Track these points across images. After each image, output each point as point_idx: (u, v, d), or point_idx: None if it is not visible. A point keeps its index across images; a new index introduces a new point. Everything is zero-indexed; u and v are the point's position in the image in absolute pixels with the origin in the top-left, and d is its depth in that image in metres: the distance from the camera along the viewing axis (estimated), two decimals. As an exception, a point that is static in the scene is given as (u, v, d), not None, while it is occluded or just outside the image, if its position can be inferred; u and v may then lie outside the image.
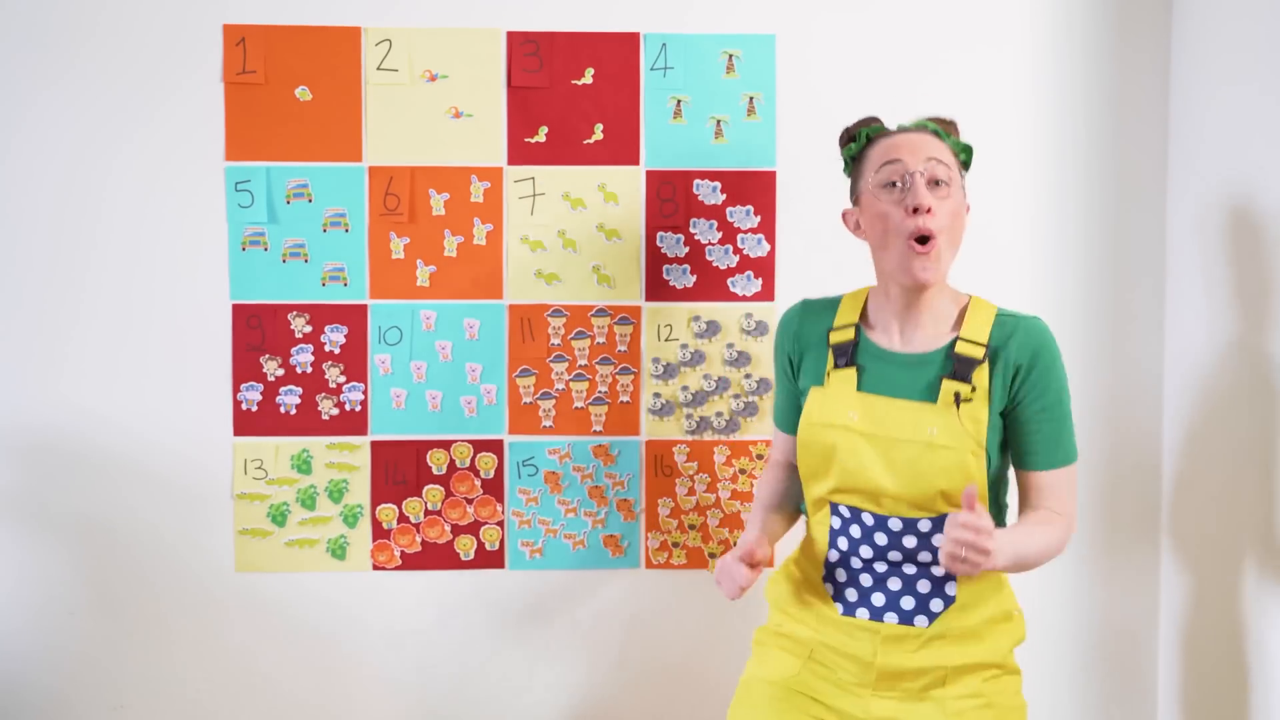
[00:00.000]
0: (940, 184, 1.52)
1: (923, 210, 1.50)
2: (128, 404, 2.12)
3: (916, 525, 1.56)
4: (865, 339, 1.61)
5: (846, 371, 1.59)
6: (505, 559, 2.16)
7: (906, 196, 1.52)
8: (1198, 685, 2.05)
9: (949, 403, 1.53)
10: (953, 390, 1.53)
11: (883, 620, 1.57)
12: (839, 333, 1.62)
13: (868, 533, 1.57)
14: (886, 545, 1.57)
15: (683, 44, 2.12)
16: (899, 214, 1.52)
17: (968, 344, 1.55)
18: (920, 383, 1.56)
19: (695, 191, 2.14)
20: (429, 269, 2.13)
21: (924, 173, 1.52)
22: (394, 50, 2.11)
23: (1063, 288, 2.17)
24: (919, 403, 1.55)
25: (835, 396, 1.58)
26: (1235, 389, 1.92)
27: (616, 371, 2.15)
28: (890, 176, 1.53)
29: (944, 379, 1.54)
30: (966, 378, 1.53)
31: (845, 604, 1.60)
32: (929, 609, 1.57)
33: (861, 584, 1.60)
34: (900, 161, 1.53)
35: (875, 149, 1.58)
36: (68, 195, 2.10)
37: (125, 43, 2.09)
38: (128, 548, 2.13)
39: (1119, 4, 2.15)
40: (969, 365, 1.54)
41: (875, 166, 1.56)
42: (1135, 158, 2.15)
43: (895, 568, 1.58)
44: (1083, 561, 2.18)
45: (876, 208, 1.55)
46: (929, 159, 1.53)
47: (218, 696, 2.15)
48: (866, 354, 1.60)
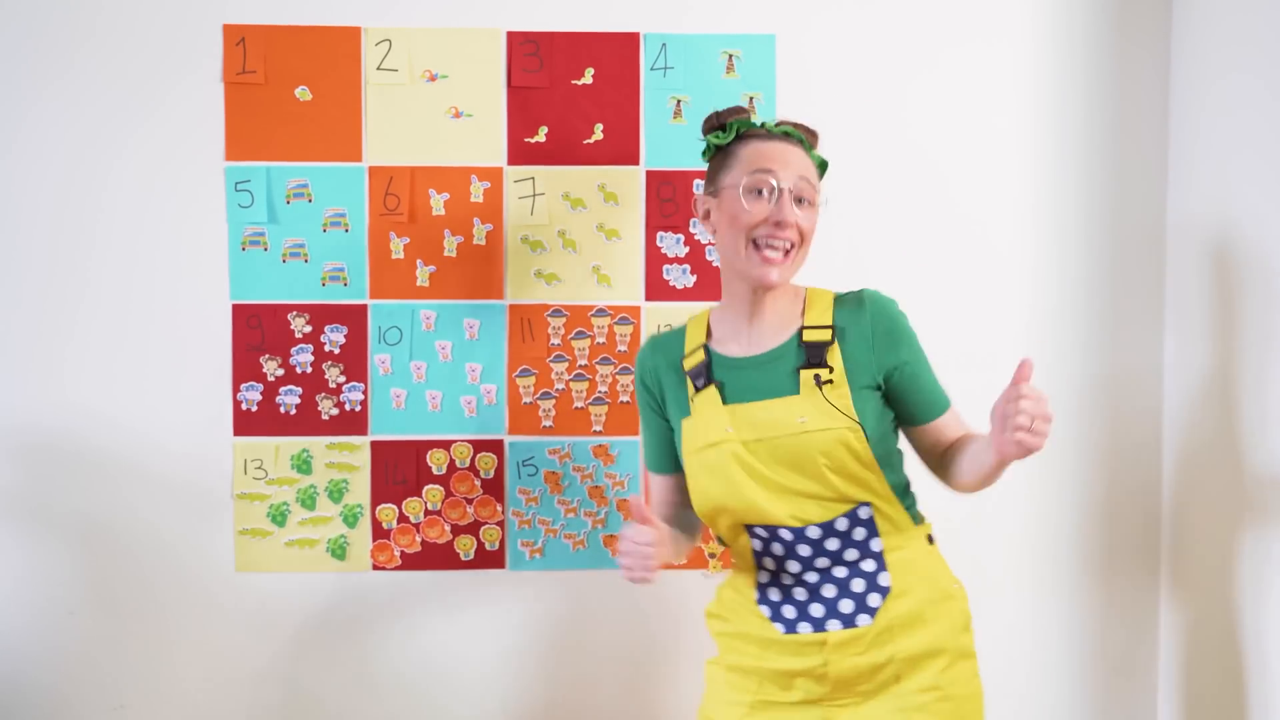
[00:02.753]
0: (804, 202, 1.57)
1: (785, 225, 1.55)
2: (128, 404, 2.12)
3: (834, 526, 1.56)
4: (716, 354, 1.64)
5: (708, 391, 1.61)
6: (505, 559, 2.16)
7: (772, 209, 1.55)
8: (1198, 688, 2.05)
9: (811, 388, 1.56)
10: (811, 375, 1.56)
11: (826, 629, 1.57)
12: (690, 359, 1.65)
13: (789, 547, 1.58)
14: (811, 555, 1.57)
15: (683, 44, 2.13)
16: (759, 218, 1.55)
17: (813, 330, 1.59)
18: (779, 378, 1.58)
19: (695, 191, 2.14)
20: (429, 269, 2.13)
21: (792, 190, 1.56)
22: (394, 50, 2.11)
23: (1061, 288, 2.17)
24: (784, 398, 1.56)
25: (706, 418, 1.60)
26: (1236, 391, 1.92)
27: (616, 371, 2.15)
28: (759, 184, 1.57)
29: (800, 369, 1.57)
30: (821, 361, 1.57)
31: (785, 623, 1.59)
32: (868, 605, 1.57)
33: (796, 598, 1.59)
34: (772, 172, 1.56)
35: (746, 150, 1.60)
36: (67, 195, 2.10)
37: (125, 43, 2.09)
38: (128, 548, 2.13)
39: (1119, 2, 2.15)
40: (820, 349, 1.58)
41: (746, 169, 1.58)
42: (1135, 157, 2.15)
43: (825, 574, 1.58)
44: (1082, 572, 2.18)
45: (738, 208, 1.57)
46: (800, 177, 1.57)
47: (218, 696, 2.15)
48: (721, 368, 1.62)
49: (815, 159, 1.65)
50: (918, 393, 1.62)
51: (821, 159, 1.67)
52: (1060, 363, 2.16)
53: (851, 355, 1.58)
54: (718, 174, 1.63)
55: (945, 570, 1.64)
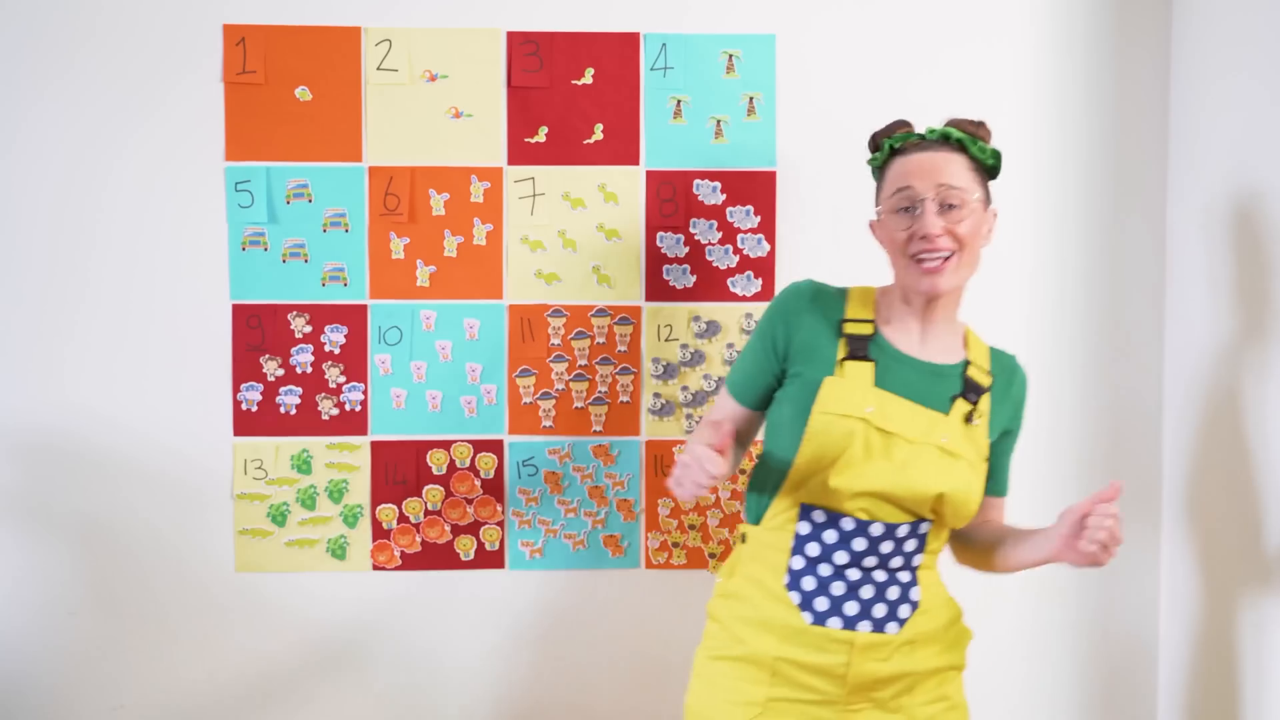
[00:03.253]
0: (952, 208, 1.54)
1: (930, 238, 1.53)
2: (128, 404, 2.12)
3: (896, 530, 1.56)
4: (881, 337, 1.61)
5: (863, 365, 1.58)
6: (505, 559, 2.16)
7: (915, 223, 1.54)
8: (1198, 688, 2.05)
9: (961, 418, 1.58)
10: (966, 409, 1.59)
11: (856, 629, 1.56)
12: (856, 325, 1.61)
13: (845, 537, 1.56)
14: (864, 550, 1.56)
15: (683, 44, 2.12)
16: (907, 237, 1.55)
17: (978, 370, 1.62)
18: (935, 392, 1.58)
19: (695, 191, 2.14)
20: (429, 269, 2.13)
21: (934, 199, 1.54)
22: (394, 50, 2.11)
23: (1062, 288, 2.17)
24: (933, 410, 1.57)
25: (852, 388, 1.56)
26: (1236, 387, 1.92)
27: (616, 371, 2.15)
28: (902, 202, 1.56)
29: (957, 397, 1.59)
30: (975, 400, 1.59)
31: (815, 613, 1.56)
32: (898, 615, 1.57)
33: (832, 591, 1.57)
34: (910, 188, 1.55)
35: (894, 167, 1.59)
36: (68, 195, 2.10)
37: (125, 43, 2.09)
38: (128, 548, 2.13)
39: (1119, 2, 2.15)
40: (978, 390, 1.60)
41: (890, 190, 1.58)
42: (1135, 157, 2.16)
43: (868, 574, 1.57)
44: (1082, 571, 2.17)
45: (889, 230, 1.58)
46: (939, 185, 1.54)
47: (218, 696, 2.15)
48: (882, 351, 1.60)
49: (981, 153, 1.59)
50: (1000, 468, 1.69)
51: (990, 151, 1.60)
52: (1060, 363, 2.16)
53: (995, 409, 1.63)
54: (878, 195, 1.63)
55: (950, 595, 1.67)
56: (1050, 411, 2.17)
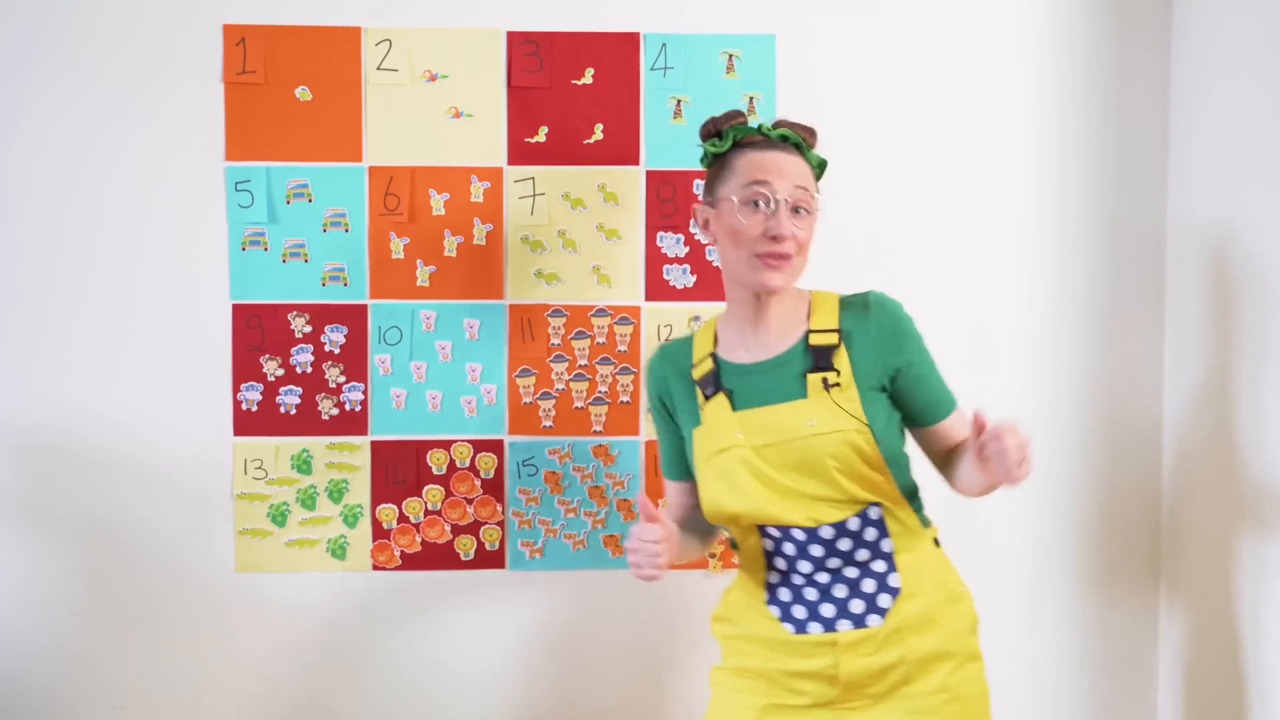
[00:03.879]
0: (800, 212, 1.57)
1: (781, 239, 1.55)
2: (128, 404, 2.12)
3: (846, 525, 1.56)
4: (724, 362, 1.63)
5: (717, 399, 1.61)
6: (505, 559, 2.16)
7: (769, 221, 1.55)
8: (1198, 697, 2.05)
9: (819, 391, 1.56)
10: (819, 379, 1.56)
11: (837, 630, 1.57)
12: (699, 367, 1.65)
13: (801, 547, 1.58)
14: (823, 555, 1.57)
15: (682, 44, 2.12)
16: (757, 232, 1.56)
17: (820, 334, 1.60)
18: (786, 382, 1.58)
19: (695, 191, 2.14)
20: (429, 269, 2.13)
21: (789, 201, 1.56)
22: (394, 50, 2.11)
23: (1061, 289, 2.16)
24: (792, 402, 1.57)
25: (716, 425, 1.60)
26: (1236, 387, 1.92)
27: (616, 371, 2.15)
28: (755, 197, 1.57)
29: (807, 373, 1.57)
30: (828, 365, 1.57)
31: (795, 623, 1.59)
32: (878, 606, 1.57)
33: (807, 599, 1.59)
34: (768, 184, 1.56)
35: (742, 160, 1.59)
36: (68, 195, 2.10)
37: (125, 43, 2.09)
38: (128, 548, 2.13)
39: (1119, 3, 2.15)
40: (826, 352, 1.58)
41: (741, 181, 1.58)
42: (1135, 158, 2.15)
43: (837, 575, 1.58)
44: (1082, 573, 2.18)
45: (735, 220, 1.58)
46: (795, 187, 1.57)
47: (218, 696, 2.15)
48: (730, 375, 1.62)
49: (813, 159, 1.65)
50: (924, 394, 1.62)
51: (820, 159, 1.66)
52: (1060, 363, 2.16)
53: (859, 358, 1.58)
54: (715, 184, 1.63)
55: (953, 573, 1.64)
56: (1050, 413, 2.17)
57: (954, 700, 1.57)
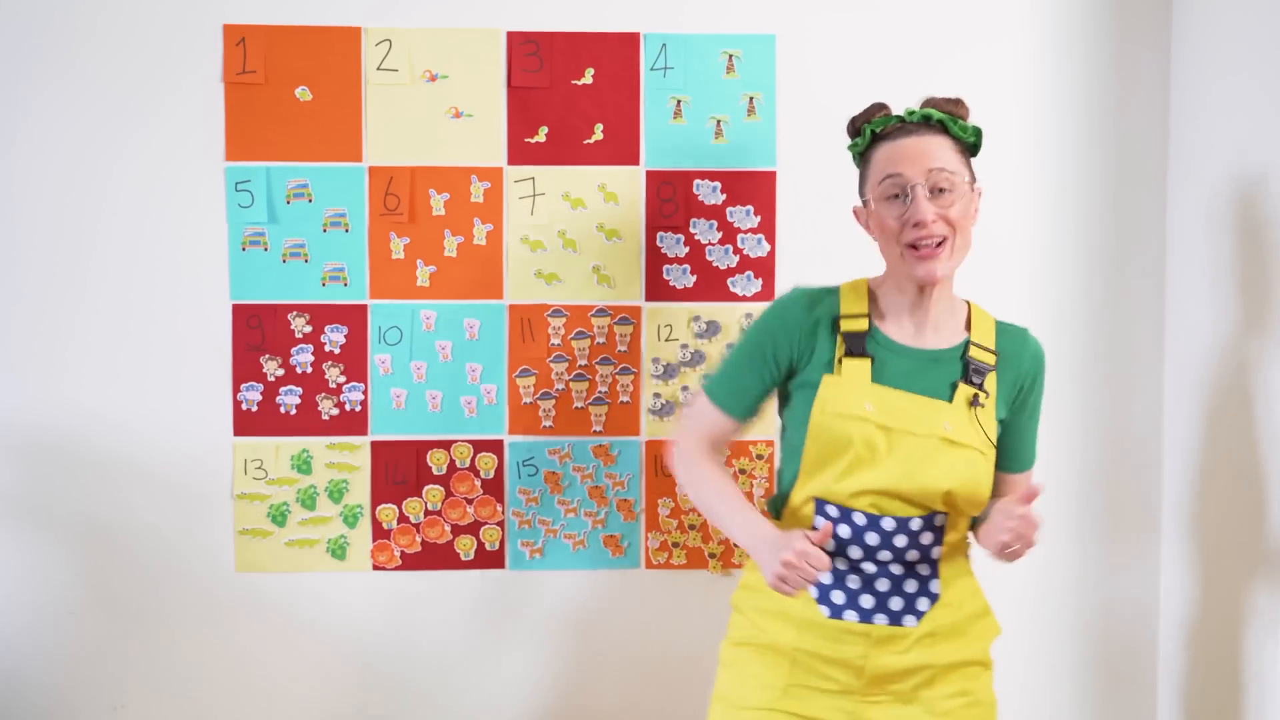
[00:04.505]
0: (943, 192, 1.53)
1: (924, 224, 1.51)
2: (128, 404, 2.12)
3: (909, 524, 1.55)
4: (877, 330, 1.60)
5: (860, 361, 1.57)
6: (505, 559, 2.16)
7: (908, 210, 1.53)
8: (1198, 685, 2.05)
9: (965, 404, 1.56)
10: (969, 393, 1.57)
11: (872, 622, 1.56)
12: (851, 321, 1.60)
13: (859, 532, 1.56)
14: (878, 545, 1.56)
15: (683, 44, 2.12)
16: (900, 225, 1.54)
17: (980, 349, 1.59)
18: (935, 380, 1.57)
19: (695, 191, 2.14)
20: (429, 269, 2.13)
21: (925, 184, 1.52)
22: (394, 50, 2.11)
23: (1063, 286, 2.17)
24: (934, 400, 1.56)
25: (850, 386, 1.56)
26: (1236, 387, 1.92)
27: (616, 371, 2.15)
28: (892, 189, 1.54)
29: (959, 381, 1.57)
30: (979, 383, 1.57)
31: (831, 606, 1.57)
32: (916, 608, 1.57)
33: (849, 585, 1.57)
34: (900, 175, 1.54)
35: (879, 153, 1.58)
36: (68, 195, 2.10)
37: (125, 43, 2.09)
38: (128, 548, 2.13)
39: (1119, 3, 2.15)
40: (982, 370, 1.58)
41: (879, 177, 1.56)
42: (1135, 156, 2.15)
43: (884, 568, 1.57)
44: (1085, 560, 2.18)
45: (880, 217, 1.56)
46: (929, 170, 1.53)
47: (218, 696, 2.15)
48: (878, 345, 1.59)
49: (963, 132, 1.58)
50: (1021, 443, 1.66)
51: (972, 129, 1.60)
52: (1060, 361, 2.16)
53: (1002, 387, 1.60)
54: (863, 183, 1.62)
55: (980, 588, 1.66)
56: (1050, 410, 2.16)
57: (974, 704, 1.59)
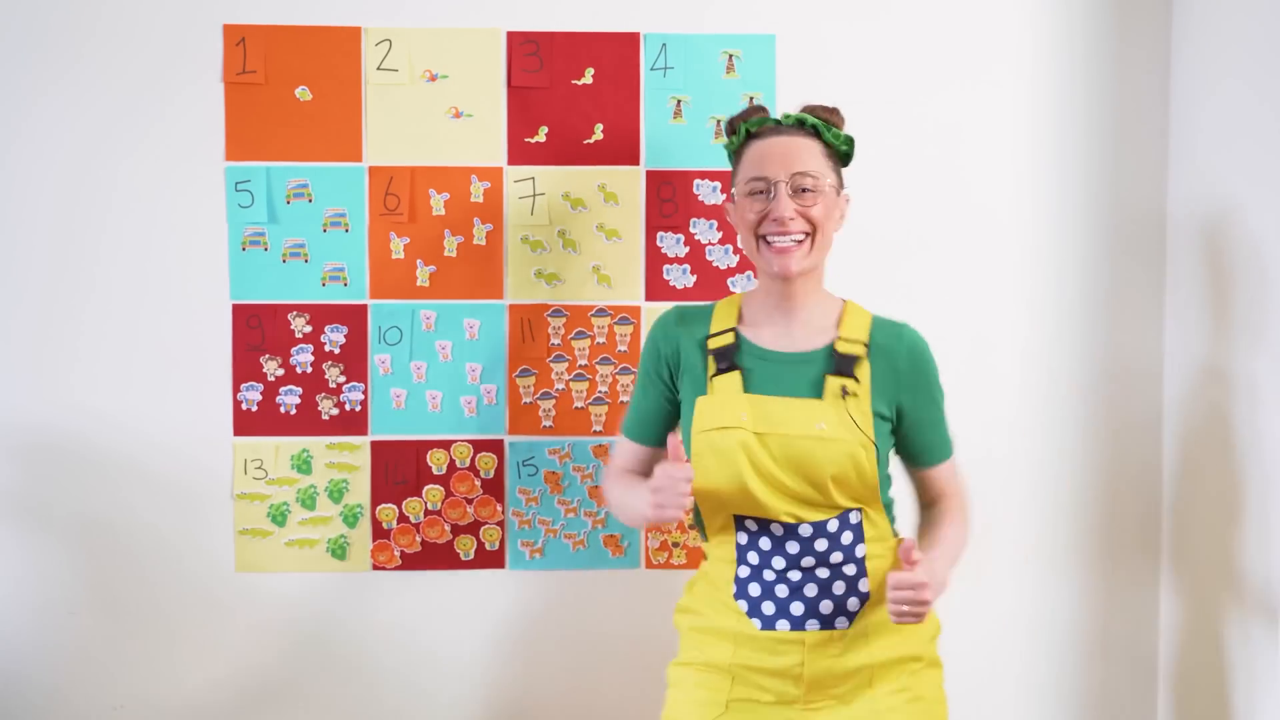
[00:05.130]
0: (805, 192, 1.58)
1: (783, 220, 1.56)
2: (128, 404, 2.12)
3: (825, 527, 1.58)
4: (745, 340, 1.64)
5: (730, 375, 1.61)
6: (505, 559, 2.16)
7: (769, 205, 1.58)
8: (1197, 690, 2.05)
9: (835, 396, 1.57)
10: (838, 385, 1.58)
11: (805, 629, 1.57)
12: (718, 338, 1.65)
13: (778, 542, 1.58)
14: (799, 552, 1.58)
15: (683, 44, 2.13)
16: (758, 218, 1.59)
17: (847, 342, 1.61)
18: (805, 380, 1.59)
19: (695, 191, 2.14)
20: (429, 269, 2.13)
21: (788, 183, 1.57)
22: (394, 50, 2.11)
23: (1061, 290, 2.16)
24: (806, 399, 1.57)
25: (723, 401, 1.60)
26: (1235, 393, 1.92)
27: (616, 371, 2.15)
28: (757, 186, 1.60)
29: (827, 375, 1.58)
30: (849, 373, 1.59)
31: (763, 618, 1.59)
32: (847, 609, 1.58)
33: (777, 595, 1.59)
34: (765, 174, 1.59)
35: (750, 151, 1.63)
36: (68, 195, 2.10)
37: (125, 43, 2.09)
38: (128, 548, 2.13)
39: (1119, 4, 2.15)
40: (850, 361, 1.60)
41: (746, 175, 1.61)
42: (1135, 158, 2.15)
43: (809, 573, 1.58)
44: (1082, 564, 2.18)
45: (743, 212, 1.61)
46: (794, 173, 1.58)
47: (218, 696, 2.15)
48: (748, 355, 1.62)
49: (835, 138, 1.64)
50: (925, 436, 1.67)
51: (845, 137, 1.65)
52: (1060, 360, 2.16)
53: (878, 378, 1.61)
54: (732, 179, 1.67)
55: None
56: (1047, 420, 2.17)
57: (916, 699, 1.59)
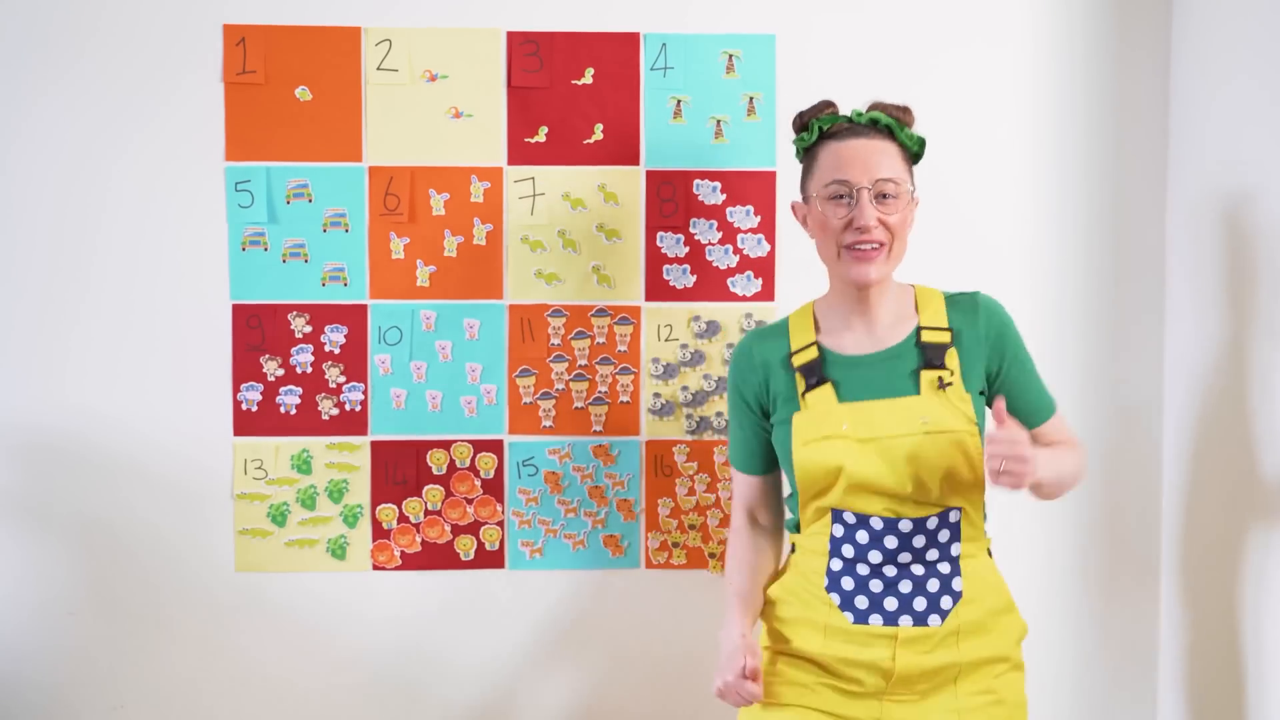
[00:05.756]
0: (886, 199, 1.56)
1: (867, 229, 1.55)
2: (128, 404, 2.12)
3: (925, 524, 1.57)
4: (828, 351, 1.62)
5: (822, 390, 1.60)
6: (505, 559, 2.16)
7: (852, 213, 1.56)
8: (1199, 694, 2.05)
9: (933, 389, 1.56)
10: (933, 377, 1.57)
11: (898, 624, 1.57)
12: (801, 355, 1.63)
13: (876, 537, 1.58)
14: (896, 548, 1.57)
15: (683, 44, 2.12)
16: (842, 226, 1.57)
17: (932, 330, 1.60)
18: (897, 377, 1.58)
19: (695, 191, 2.14)
20: (429, 269, 2.13)
21: (870, 190, 1.56)
22: (394, 50, 2.11)
23: (1062, 289, 2.16)
24: (904, 397, 1.57)
25: (820, 414, 1.59)
26: (1236, 391, 1.92)
27: (616, 371, 2.15)
28: (837, 192, 1.57)
29: (920, 369, 1.57)
30: (940, 363, 1.58)
31: (856, 612, 1.58)
32: (940, 607, 1.58)
33: (871, 590, 1.59)
34: (847, 178, 1.56)
35: (826, 153, 1.60)
36: (68, 195, 2.10)
37: (125, 43, 2.09)
38: (128, 548, 2.13)
39: (1119, 3, 2.15)
40: (939, 350, 1.58)
41: (825, 178, 1.59)
42: (1135, 158, 2.15)
43: (904, 570, 1.58)
44: (1083, 567, 2.18)
45: (823, 217, 1.59)
46: (877, 179, 1.56)
47: (218, 696, 2.15)
48: (834, 366, 1.61)
49: (908, 139, 1.62)
50: (1024, 397, 1.64)
51: (918, 139, 1.64)
52: (1060, 365, 2.16)
53: (967, 359, 1.60)
54: (806, 179, 1.64)
55: (1004, 583, 1.65)
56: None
57: (998, 703, 1.59)
